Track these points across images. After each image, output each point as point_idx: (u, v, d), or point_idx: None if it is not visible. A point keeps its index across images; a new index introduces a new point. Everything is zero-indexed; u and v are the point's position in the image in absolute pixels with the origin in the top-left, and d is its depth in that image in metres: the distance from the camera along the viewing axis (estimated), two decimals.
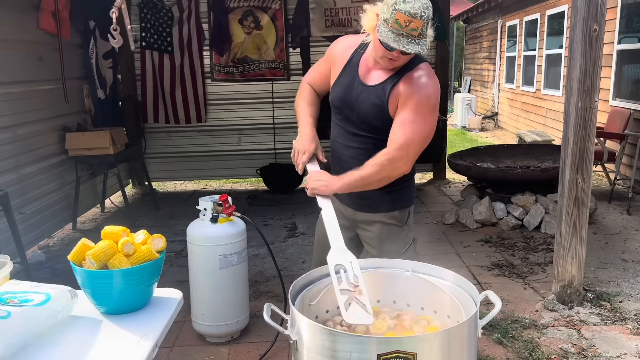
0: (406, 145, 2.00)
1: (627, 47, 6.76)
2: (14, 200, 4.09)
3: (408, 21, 1.83)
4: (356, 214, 2.30)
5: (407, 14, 1.82)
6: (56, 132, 5.10)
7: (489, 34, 14.13)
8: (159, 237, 1.68)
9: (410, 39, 1.86)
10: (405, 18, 1.83)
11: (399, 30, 1.85)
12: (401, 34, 1.85)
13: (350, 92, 2.12)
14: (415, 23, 1.84)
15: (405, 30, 1.84)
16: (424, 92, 2.01)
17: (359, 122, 2.13)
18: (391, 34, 1.86)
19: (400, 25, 1.84)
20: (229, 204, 2.94)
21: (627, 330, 3.13)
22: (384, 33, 1.88)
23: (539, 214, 4.95)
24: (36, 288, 1.50)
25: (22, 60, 4.59)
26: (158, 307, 1.62)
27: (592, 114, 3.22)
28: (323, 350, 1.42)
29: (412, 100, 1.99)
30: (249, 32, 6.68)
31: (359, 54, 2.15)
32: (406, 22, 1.83)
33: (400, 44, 1.86)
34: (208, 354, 3.03)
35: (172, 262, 4.35)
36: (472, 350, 1.51)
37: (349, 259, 1.70)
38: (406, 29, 1.84)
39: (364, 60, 2.13)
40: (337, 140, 2.26)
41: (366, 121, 2.11)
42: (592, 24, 3.12)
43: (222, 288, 3.00)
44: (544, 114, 9.90)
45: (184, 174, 7.29)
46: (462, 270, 4.07)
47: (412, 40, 1.86)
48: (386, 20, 1.87)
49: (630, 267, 4.07)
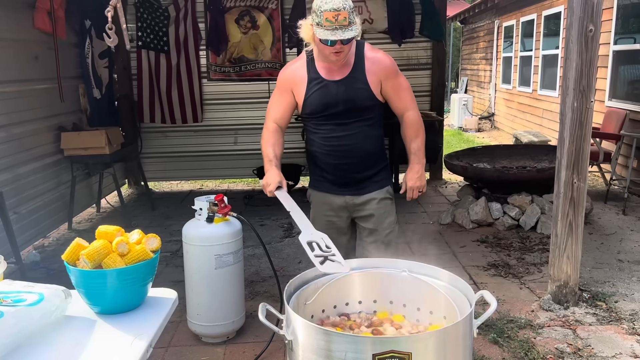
0: (414, 100, 2.54)
1: (623, 47, 6.78)
2: (9, 199, 4.07)
3: (335, 15, 2.15)
4: (355, 198, 2.59)
5: (332, 9, 2.15)
6: (52, 132, 5.08)
7: (485, 35, 14.16)
8: (153, 236, 1.67)
9: (344, 28, 2.18)
10: (332, 14, 2.15)
11: (332, 26, 2.17)
12: (335, 27, 2.17)
13: (329, 93, 2.42)
14: (342, 14, 2.16)
15: (337, 24, 2.16)
16: (389, 61, 2.45)
17: (345, 112, 2.43)
18: (327, 31, 2.18)
19: (331, 22, 2.16)
20: (225, 203, 2.93)
21: (623, 330, 3.14)
22: (321, 33, 2.19)
23: (535, 214, 4.96)
24: (29, 288, 1.49)
25: (18, 59, 4.57)
26: (152, 307, 1.61)
27: (588, 114, 3.22)
28: (318, 350, 1.42)
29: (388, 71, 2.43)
30: (245, 32, 6.67)
31: (312, 65, 2.44)
32: (334, 17, 2.15)
33: (338, 35, 2.17)
34: (204, 354, 3.02)
35: (168, 262, 4.33)
36: (467, 350, 1.51)
37: (320, 236, 1.94)
38: (337, 22, 2.16)
39: (320, 66, 2.43)
40: (329, 137, 2.52)
41: (354, 106, 2.42)
42: (588, 25, 3.12)
43: (218, 288, 3.00)
44: (541, 115, 9.92)
45: (180, 173, 7.28)
46: (458, 271, 4.07)
47: (346, 29, 2.18)
48: (319, 23, 2.19)
49: (626, 267, 4.07)
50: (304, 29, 2.31)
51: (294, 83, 2.48)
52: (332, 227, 2.62)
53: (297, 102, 2.52)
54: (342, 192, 2.59)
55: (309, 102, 2.46)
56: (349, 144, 2.48)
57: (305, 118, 2.56)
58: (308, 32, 2.30)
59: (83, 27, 5.71)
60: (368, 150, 2.52)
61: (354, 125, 2.46)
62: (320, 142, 2.55)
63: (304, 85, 2.44)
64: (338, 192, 2.60)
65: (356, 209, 2.62)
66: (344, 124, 2.45)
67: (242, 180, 7.57)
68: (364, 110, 2.45)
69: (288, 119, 2.60)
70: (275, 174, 2.47)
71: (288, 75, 2.52)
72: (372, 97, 2.44)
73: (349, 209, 2.64)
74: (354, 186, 2.57)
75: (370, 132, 2.51)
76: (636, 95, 6.43)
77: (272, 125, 2.58)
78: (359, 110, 2.44)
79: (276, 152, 2.54)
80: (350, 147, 2.48)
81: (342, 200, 2.60)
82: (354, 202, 2.60)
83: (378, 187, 2.58)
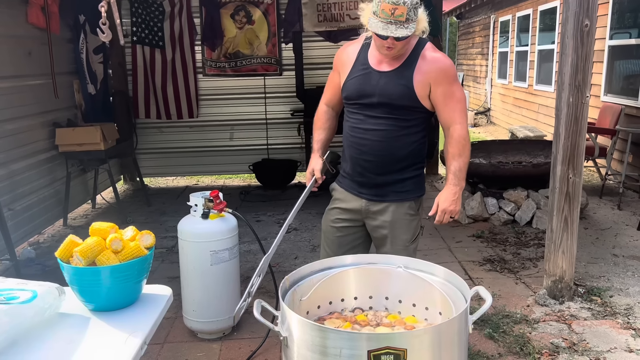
0: (465, 115, 2.27)
1: (619, 42, 6.78)
2: (4, 196, 4.05)
3: (393, 9, 2.00)
4: (372, 205, 2.36)
5: (390, 2, 2.00)
6: (46, 128, 5.05)
7: (481, 30, 14.14)
8: (147, 233, 1.66)
9: (399, 25, 2.02)
10: (390, 7, 2.01)
11: (387, 19, 2.02)
12: (389, 22, 2.02)
13: (368, 81, 2.25)
14: (400, 9, 2.01)
15: (392, 18, 2.01)
16: (446, 65, 2.22)
17: (379, 105, 2.24)
18: (380, 23, 2.03)
19: (387, 14, 2.01)
20: (220, 200, 2.92)
21: (618, 325, 3.15)
22: (373, 24, 2.06)
23: (531, 209, 4.97)
24: (23, 285, 1.48)
25: (11, 55, 4.53)
26: (147, 304, 1.60)
27: (584, 109, 3.22)
28: (313, 347, 1.42)
29: (442, 75, 2.20)
30: (241, 27, 6.64)
31: (365, 51, 2.29)
32: (391, 10, 2.01)
33: (389, 31, 2.03)
34: (199, 351, 3.01)
35: (164, 258, 4.32)
36: (462, 346, 1.51)
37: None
38: (392, 16, 2.01)
39: (372, 53, 2.27)
40: (355, 127, 2.33)
41: (388, 102, 2.22)
42: (584, 19, 3.12)
43: (214, 284, 2.99)
44: (536, 110, 9.93)
45: (176, 169, 7.25)
46: (453, 266, 4.08)
47: (401, 25, 2.03)
48: (375, 13, 2.05)
49: (621, 262, 4.09)
50: (365, 13, 2.14)
51: (342, 63, 2.35)
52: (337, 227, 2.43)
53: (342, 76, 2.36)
54: (361, 194, 2.37)
55: (347, 85, 2.31)
56: (373, 139, 2.26)
57: (344, 104, 2.41)
58: (366, 19, 2.14)
59: (77, 22, 5.67)
60: (394, 153, 2.26)
61: (386, 122, 2.25)
62: (348, 132, 2.37)
63: (350, 67, 2.31)
64: (357, 192, 2.38)
65: (370, 216, 2.37)
66: (376, 117, 2.26)
67: (238, 176, 7.56)
68: (401, 109, 2.23)
69: (338, 101, 2.44)
70: (312, 162, 2.42)
71: (340, 55, 2.39)
72: (411, 98, 2.20)
73: (362, 214, 2.39)
74: (372, 190, 2.34)
75: (403, 134, 2.25)
76: (631, 90, 6.44)
77: (323, 108, 2.49)
78: (395, 107, 2.23)
79: (321, 137, 2.45)
80: (374, 144, 2.26)
81: (359, 203, 2.37)
82: (369, 209, 2.36)
83: (399, 198, 2.32)
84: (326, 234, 2.48)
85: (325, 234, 2.49)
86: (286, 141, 6.98)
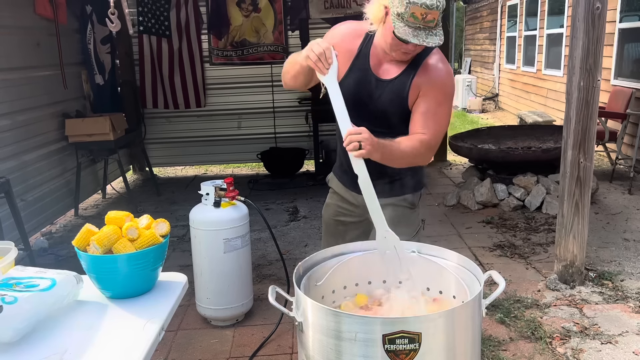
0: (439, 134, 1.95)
1: (629, 25, 6.69)
2: (16, 187, 4.09)
3: (425, 13, 1.73)
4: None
5: (424, 6, 1.72)
6: (56, 119, 5.08)
7: (489, 14, 13.99)
8: (162, 221, 1.68)
9: (429, 31, 1.77)
10: (422, 11, 1.73)
11: (416, 24, 1.75)
12: (419, 27, 1.75)
13: (365, 88, 2.00)
14: (432, 14, 1.74)
15: (422, 23, 1.75)
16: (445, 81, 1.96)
17: (373, 119, 1.97)
18: (408, 28, 1.76)
19: (417, 19, 1.74)
20: (233, 187, 2.94)
21: (629, 309, 3.15)
22: (400, 28, 1.77)
23: (541, 195, 4.95)
24: (42, 274, 1.50)
25: (20, 46, 4.55)
26: (163, 291, 1.62)
27: (595, 93, 3.20)
28: (328, 331, 1.43)
29: (435, 90, 1.93)
30: (247, 15, 6.62)
31: (367, 46, 2.01)
32: (423, 14, 1.73)
33: (420, 38, 1.77)
34: (213, 337, 3.05)
35: (175, 246, 4.36)
36: (476, 330, 1.52)
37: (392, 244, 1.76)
38: (423, 22, 1.75)
39: (373, 52, 1.99)
40: None
41: (383, 117, 2.00)
42: (595, 2, 3.08)
43: (227, 272, 3.02)
44: (545, 95, 9.85)
45: (185, 159, 7.28)
46: (464, 252, 4.08)
47: (430, 31, 1.77)
48: (401, 15, 1.75)
49: (632, 246, 4.08)
50: (374, 7, 1.86)
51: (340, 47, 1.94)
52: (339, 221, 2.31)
53: None
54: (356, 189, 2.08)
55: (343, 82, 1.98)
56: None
57: None
58: (377, 14, 1.86)
59: (84, 12, 5.67)
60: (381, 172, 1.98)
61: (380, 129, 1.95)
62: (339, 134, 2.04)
63: (348, 62, 2.00)
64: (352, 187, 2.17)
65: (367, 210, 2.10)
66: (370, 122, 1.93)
67: (246, 164, 7.58)
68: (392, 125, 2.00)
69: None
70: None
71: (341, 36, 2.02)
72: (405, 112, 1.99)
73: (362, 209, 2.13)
74: None
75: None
76: None
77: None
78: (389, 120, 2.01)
79: None
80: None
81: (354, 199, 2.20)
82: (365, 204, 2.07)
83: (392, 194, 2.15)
84: (328, 227, 2.36)
85: (327, 226, 2.38)
86: (294, 129, 6.98)
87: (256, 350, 2.88)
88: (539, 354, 2.76)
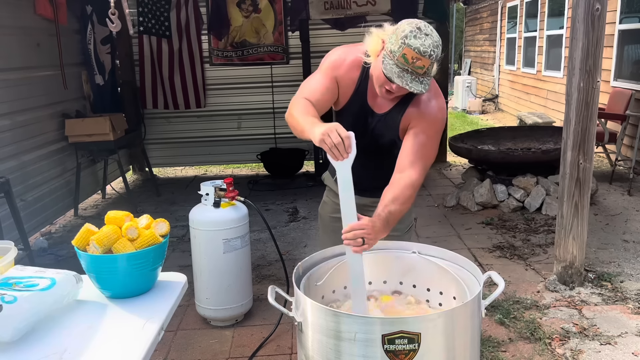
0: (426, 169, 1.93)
1: (629, 27, 6.70)
2: (16, 187, 4.09)
3: (416, 58, 1.70)
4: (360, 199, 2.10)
5: (417, 50, 1.69)
6: (55, 119, 5.08)
7: (489, 15, 14.01)
8: (162, 221, 1.68)
9: (415, 76, 1.74)
10: (414, 55, 1.70)
11: (404, 66, 1.72)
12: (406, 69, 1.73)
13: (363, 122, 2.02)
14: (423, 61, 1.71)
15: (410, 66, 1.72)
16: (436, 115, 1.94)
17: (373, 148, 2.03)
18: (396, 68, 1.73)
19: (407, 61, 1.71)
20: (233, 187, 2.95)
21: (628, 310, 3.15)
22: (388, 66, 1.75)
23: (540, 196, 4.96)
24: (41, 273, 1.50)
25: (20, 47, 4.55)
26: (163, 291, 1.63)
27: (594, 94, 3.20)
28: (328, 331, 1.43)
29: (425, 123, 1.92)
30: (247, 16, 6.62)
31: (365, 79, 2.00)
32: (414, 58, 1.70)
33: (404, 81, 1.74)
34: (212, 338, 3.05)
35: (175, 247, 4.36)
36: (476, 330, 1.52)
37: None
38: (412, 65, 1.71)
39: (370, 85, 1.98)
40: None
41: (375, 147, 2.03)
42: (595, 3, 3.09)
43: (226, 272, 3.02)
44: (545, 96, 9.85)
45: (184, 159, 7.29)
46: (463, 252, 4.07)
47: (416, 78, 1.74)
48: (393, 53, 1.73)
49: (631, 247, 4.08)
50: (373, 40, 1.84)
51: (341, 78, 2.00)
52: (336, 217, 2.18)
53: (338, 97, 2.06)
54: None
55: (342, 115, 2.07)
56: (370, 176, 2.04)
57: None
58: (375, 47, 1.84)
59: (84, 13, 5.68)
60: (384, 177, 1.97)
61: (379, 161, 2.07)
62: None
63: (348, 94, 2.02)
64: None
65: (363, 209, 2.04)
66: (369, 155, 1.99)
67: (246, 165, 7.58)
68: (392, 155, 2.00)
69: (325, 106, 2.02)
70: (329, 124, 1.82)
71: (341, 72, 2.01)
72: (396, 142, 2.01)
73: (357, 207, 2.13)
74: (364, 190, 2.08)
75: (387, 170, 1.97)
76: None
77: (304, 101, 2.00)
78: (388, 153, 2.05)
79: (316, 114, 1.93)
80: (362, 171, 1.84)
81: None
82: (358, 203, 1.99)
83: None
84: (325, 224, 2.36)
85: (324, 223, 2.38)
86: None
87: (256, 351, 2.88)
88: (538, 354, 2.76)
